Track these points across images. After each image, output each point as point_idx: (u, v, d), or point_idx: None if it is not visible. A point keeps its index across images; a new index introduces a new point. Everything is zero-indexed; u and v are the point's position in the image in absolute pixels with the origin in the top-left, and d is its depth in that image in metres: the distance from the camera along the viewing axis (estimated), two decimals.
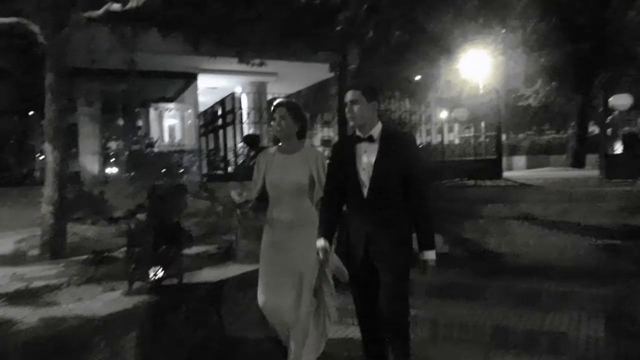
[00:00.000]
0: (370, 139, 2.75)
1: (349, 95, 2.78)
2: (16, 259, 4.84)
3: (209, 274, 4.07)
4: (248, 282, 3.66)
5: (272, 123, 3.25)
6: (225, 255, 4.59)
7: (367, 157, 2.74)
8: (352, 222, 2.80)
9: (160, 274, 3.57)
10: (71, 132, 11.96)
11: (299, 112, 3.20)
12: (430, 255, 2.72)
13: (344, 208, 2.91)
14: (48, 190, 5.07)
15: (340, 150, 2.92)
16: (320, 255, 2.79)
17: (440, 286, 4.14)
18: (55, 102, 5.15)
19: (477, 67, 14.62)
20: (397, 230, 2.71)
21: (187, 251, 4.24)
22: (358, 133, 2.80)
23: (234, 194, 3.08)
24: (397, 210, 2.71)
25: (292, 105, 3.23)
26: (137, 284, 3.57)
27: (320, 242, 2.80)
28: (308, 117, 3.28)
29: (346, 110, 2.80)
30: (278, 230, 3.13)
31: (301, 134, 3.23)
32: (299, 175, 3.09)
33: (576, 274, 3.94)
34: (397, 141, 2.77)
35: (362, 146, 2.77)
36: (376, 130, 2.78)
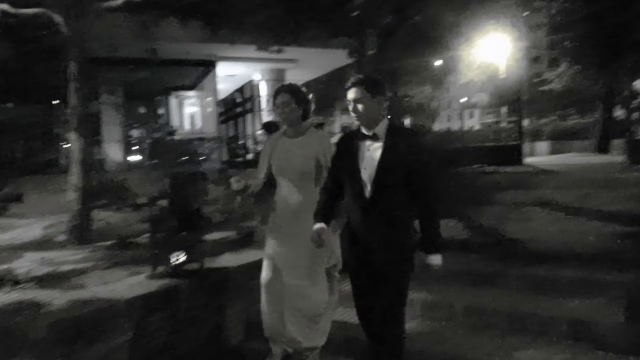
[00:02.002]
0: (375, 137, 2.58)
1: (352, 94, 2.59)
2: (44, 244, 5.00)
3: (230, 259, 4.15)
4: None
5: (275, 109, 3.17)
6: (246, 241, 4.66)
7: (370, 156, 2.56)
8: (352, 221, 2.67)
9: (182, 258, 3.67)
10: (94, 120, 12.19)
11: (301, 95, 3.11)
12: (436, 259, 2.56)
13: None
14: (73, 177, 5.20)
15: (343, 147, 2.74)
16: (315, 237, 2.66)
17: (457, 272, 4.14)
18: (78, 91, 5.25)
19: (498, 51, 14.36)
20: (398, 233, 2.56)
21: (208, 237, 4.34)
22: (363, 129, 2.63)
23: (232, 181, 3.05)
24: (399, 213, 2.56)
25: (293, 89, 3.13)
26: (159, 268, 3.67)
27: (316, 225, 2.68)
28: (311, 97, 3.22)
29: (350, 109, 2.62)
30: (283, 215, 3.09)
31: (305, 116, 3.14)
32: (304, 160, 3.03)
33: (596, 260, 3.89)
34: (403, 139, 2.57)
35: (366, 144, 2.60)
36: (381, 127, 2.59)
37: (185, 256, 3.69)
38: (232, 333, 3.80)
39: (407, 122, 17.54)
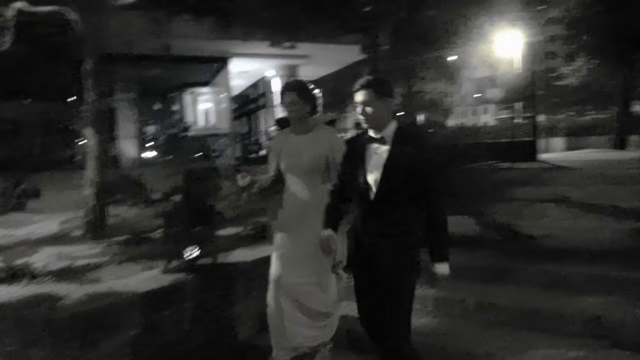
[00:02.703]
0: (382, 140, 2.51)
1: (360, 96, 2.51)
2: (61, 238, 5.09)
3: (243, 254, 4.18)
4: None
5: (282, 107, 3.14)
6: (259, 237, 4.69)
7: (377, 159, 2.49)
8: (357, 224, 2.62)
9: (195, 253, 3.70)
10: (110, 117, 12.34)
11: (308, 92, 3.07)
12: (443, 268, 2.47)
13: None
14: (89, 173, 5.27)
15: (351, 149, 2.67)
16: (324, 244, 2.63)
17: (470, 268, 4.12)
18: (94, 87, 5.32)
19: (514, 46, 14.19)
20: (404, 240, 2.49)
21: (221, 232, 4.38)
22: (370, 132, 2.56)
23: (238, 178, 3.03)
24: (405, 219, 2.48)
25: (300, 86, 3.10)
26: (173, 263, 3.71)
27: (324, 232, 2.64)
28: (318, 92, 3.17)
29: (358, 111, 2.54)
30: (291, 211, 3.08)
31: (313, 112, 3.11)
32: (312, 156, 3.00)
33: (611, 257, 3.85)
34: (411, 143, 2.49)
35: (374, 146, 2.53)
36: (389, 130, 2.52)
37: (199, 251, 3.73)
38: (244, 327, 3.83)
39: (420, 117, 17.44)
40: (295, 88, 3.07)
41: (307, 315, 3.01)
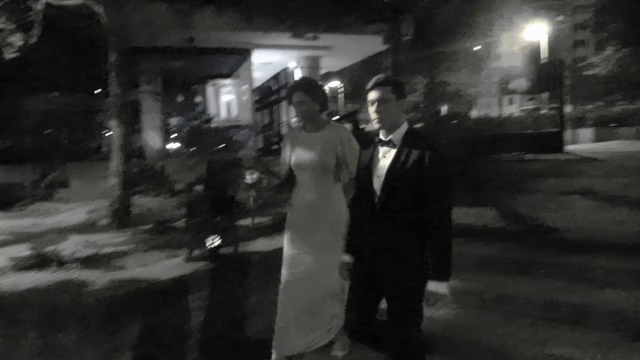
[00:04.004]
0: (391, 143, 2.39)
1: (376, 94, 2.37)
2: (88, 227, 5.23)
3: (263, 244, 4.22)
4: None
5: (291, 106, 3.06)
6: (279, 227, 4.72)
7: (384, 163, 2.38)
8: (363, 230, 2.49)
9: (217, 242, 3.76)
10: (134, 108, 12.55)
11: (317, 90, 2.99)
12: (441, 288, 2.27)
13: None
14: (114, 163, 5.39)
15: (362, 152, 2.57)
16: (342, 272, 2.57)
17: (492, 260, 4.11)
18: (119, 79, 5.42)
19: (540, 34, 13.88)
20: (410, 251, 2.33)
21: (242, 222, 4.44)
22: (381, 134, 2.45)
23: (247, 174, 3.00)
24: (411, 228, 2.32)
25: (308, 85, 3.03)
26: (196, 252, 3.78)
27: (344, 257, 2.56)
28: (327, 90, 3.10)
29: (372, 110, 2.40)
30: (299, 211, 3.02)
31: (323, 109, 3.04)
32: (322, 154, 2.93)
33: (635, 250, 3.77)
34: (419, 147, 2.31)
35: (382, 150, 2.42)
36: (399, 133, 2.39)
37: (220, 240, 3.79)
38: (264, 314, 3.88)
39: (443, 109, 17.23)
40: (303, 87, 2.99)
41: (314, 317, 2.95)
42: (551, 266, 3.84)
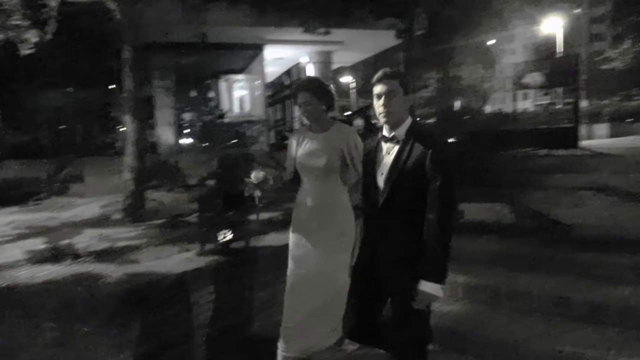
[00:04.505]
0: (394, 139, 2.34)
1: (383, 87, 2.31)
2: (102, 221, 5.30)
3: (274, 239, 4.24)
4: None
5: (297, 107, 2.97)
6: (290, 222, 4.74)
7: (387, 160, 2.33)
8: (366, 229, 2.46)
9: (229, 236, 3.80)
10: (148, 104, 12.64)
11: (322, 90, 2.91)
12: (435, 290, 2.19)
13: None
14: (128, 159, 5.45)
15: (366, 149, 2.52)
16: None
17: (503, 255, 4.08)
18: (132, 75, 5.47)
19: (557, 28, 13.69)
20: (413, 248, 2.26)
21: (254, 217, 4.46)
22: (384, 130, 2.39)
23: (252, 174, 2.95)
24: (415, 225, 2.25)
25: (313, 85, 2.94)
26: (208, 246, 3.82)
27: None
28: (333, 89, 3.04)
29: (378, 104, 2.34)
30: (303, 213, 2.97)
31: (329, 109, 2.96)
32: (325, 155, 2.86)
33: None
34: (423, 143, 2.25)
35: (386, 147, 2.38)
36: (402, 129, 2.34)
37: (232, 234, 3.82)
38: (276, 308, 3.91)
39: (457, 104, 17.10)
40: (308, 87, 2.92)
41: (319, 318, 2.88)
42: (564, 262, 3.80)
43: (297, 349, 2.95)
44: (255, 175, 2.87)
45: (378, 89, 2.35)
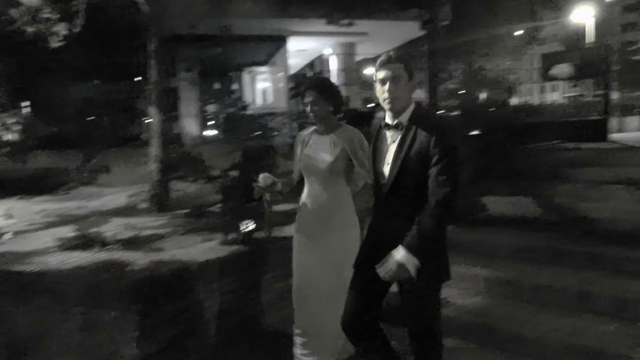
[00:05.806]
0: (398, 126, 2.25)
1: (388, 72, 2.21)
2: (128, 211, 5.42)
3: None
4: None
5: (304, 106, 2.92)
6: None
7: (393, 148, 2.25)
8: (373, 218, 2.41)
9: (251, 226, 3.85)
10: (173, 96, 12.81)
11: (330, 91, 2.88)
12: (406, 258, 2.10)
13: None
14: (153, 149, 5.55)
15: (372, 137, 2.42)
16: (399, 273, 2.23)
17: (527, 249, 4.04)
18: (157, 67, 5.54)
19: (587, 17, 13.31)
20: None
21: (276, 208, 4.49)
22: (387, 117, 2.30)
23: (260, 177, 2.89)
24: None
25: (321, 85, 2.91)
26: (230, 235, 3.87)
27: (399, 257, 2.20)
28: (340, 90, 2.97)
29: (382, 89, 2.24)
30: (306, 215, 2.94)
31: (337, 111, 2.92)
32: (330, 157, 2.82)
33: None
34: (427, 127, 2.17)
35: (390, 134, 2.28)
36: (406, 115, 2.25)
37: (254, 225, 3.86)
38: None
39: (482, 96, 16.84)
40: (316, 87, 2.87)
41: (327, 322, 2.80)
42: (589, 257, 3.74)
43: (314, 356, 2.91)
44: (263, 179, 2.84)
45: (382, 73, 2.24)
